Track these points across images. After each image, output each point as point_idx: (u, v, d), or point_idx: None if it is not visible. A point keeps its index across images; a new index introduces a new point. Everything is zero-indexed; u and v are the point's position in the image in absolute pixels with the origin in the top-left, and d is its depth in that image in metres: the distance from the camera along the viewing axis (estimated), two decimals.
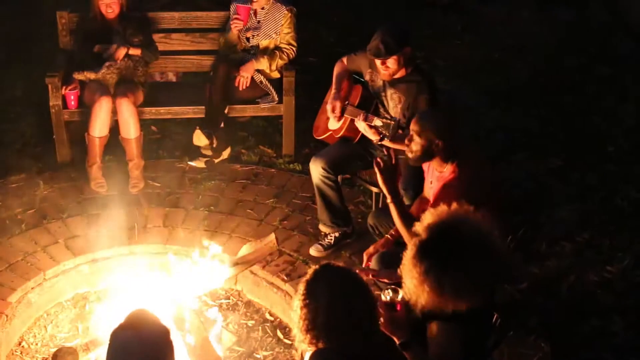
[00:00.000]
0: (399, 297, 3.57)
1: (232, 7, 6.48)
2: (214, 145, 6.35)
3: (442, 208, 3.47)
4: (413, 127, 4.33)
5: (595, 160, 6.50)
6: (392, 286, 3.63)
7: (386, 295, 3.58)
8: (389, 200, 4.32)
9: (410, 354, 3.45)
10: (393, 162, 4.36)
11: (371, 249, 4.63)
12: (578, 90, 7.49)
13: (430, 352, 3.44)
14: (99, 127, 6.02)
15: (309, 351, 3.30)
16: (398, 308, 3.55)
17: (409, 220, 4.25)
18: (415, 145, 4.33)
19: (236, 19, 6.37)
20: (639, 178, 6.25)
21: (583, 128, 6.95)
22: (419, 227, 3.41)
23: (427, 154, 4.33)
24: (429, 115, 4.45)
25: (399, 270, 3.43)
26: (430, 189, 4.47)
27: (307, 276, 3.31)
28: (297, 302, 3.27)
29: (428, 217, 3.42)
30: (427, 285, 3.27)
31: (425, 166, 4.58)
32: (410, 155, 4.38)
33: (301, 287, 3.29)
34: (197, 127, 6.33)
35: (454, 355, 3.40)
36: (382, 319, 3.45)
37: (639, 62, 7.88)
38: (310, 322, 3.21)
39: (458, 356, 3.40)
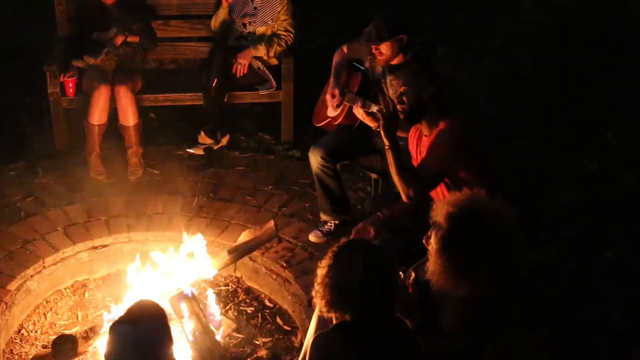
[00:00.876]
0: (411, 279, 3.56)
1: None
2: (219, 138, 6.34)
3: (457, 195, 3.47)
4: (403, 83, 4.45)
5: (594, 147, 6.49)
6: (403, 267, 3.62)
7: (407, 279, 3.56)
8: (387, 146, 4.36)
9: (423, 337, 3.45)
10: (399, 114, 4.40)
11: (360, 225, 4.61)
12: (577, 78, 7.47)
13: (443, 333, 3.45)
14: (97, 115, 6.01)
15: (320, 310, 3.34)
16: (410, 290, 3.55)
17: (405, 168, 4.37)
18: (407, 99, 4.38)
19: None
20: (638, 165, 6.24)
21: (582, 115, 6.93)
22: (438, 216, 3.40)
23: (419, 108, 4.35)
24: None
25: (425, 267, 3.43)
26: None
27: (341, 242, 3.38)
28: (327, 260, 3.30)
29: (444, 206, 3.41)
30: (461, 277, 3.30)
31: (412, 148, 4.58)
32: (402, 116, 4.41)
33: (336, 248, 3.33)
34: (202, 131, 6.30)
35: (465, 337, 3.40)
36: None
37: (638, 47, 7.85)
38: (336, 286, 3.24)
39: (469, 338, 3.40)
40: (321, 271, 3.30)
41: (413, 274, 3.61)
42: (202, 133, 6.29)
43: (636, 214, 5.69)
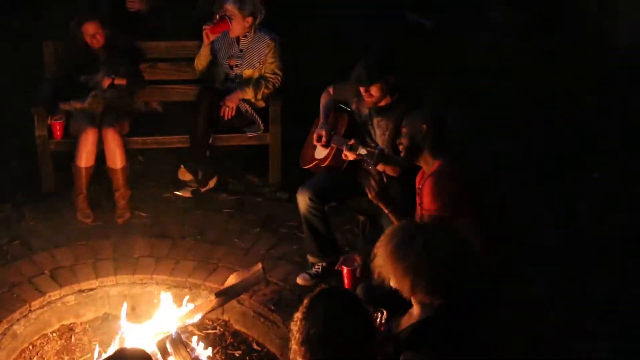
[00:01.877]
0: (384, 318, 3.58)
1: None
2: (199, 178, 6.34)
3: None
4: (403, 123, 4.51)
5: (582, 186, 6.52)
6: (381, 309, 3.63)
7: (378, 319, 3.58)
8: (386, 211, 4.44)
9: None
10: (385, 180, 4.49)
11: (348, 255, 4.68)
12: (563, 116, 7.54)
13: None
14: (85, 158, 6.01)
15: None
16: (382, 329, 3.57)
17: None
18: (404, 138, 4.44)
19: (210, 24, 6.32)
20: (625, 204, 6.27)
21: (569, 154, 6.98)
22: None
23: (414, 145, 4.40)
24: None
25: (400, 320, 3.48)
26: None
27: (314, 293, 3.32)
28: (298, 314, 3.26)
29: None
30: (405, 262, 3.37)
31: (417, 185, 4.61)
32: (402, 154, 4.48)
33: (305, 301, 3.29)
34: (182, 165, 6.32)
35: None
36: None
37: (623, 86, 7.94)
38: (305, 337, 3.19)
39: None
40: (295, 329, 3.25)
41: (385, 313, 3.62)
42: (182, 168, 6.29)
43: (623, 253, 5.70)
